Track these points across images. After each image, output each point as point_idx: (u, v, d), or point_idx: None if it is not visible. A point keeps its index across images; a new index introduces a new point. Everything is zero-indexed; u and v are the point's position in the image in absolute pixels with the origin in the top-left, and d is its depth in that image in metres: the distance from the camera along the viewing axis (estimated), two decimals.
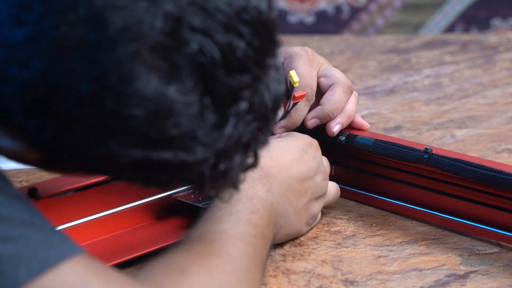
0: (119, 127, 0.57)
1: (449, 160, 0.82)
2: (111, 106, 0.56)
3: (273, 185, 0.77)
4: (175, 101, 0.56)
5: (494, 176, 0.80)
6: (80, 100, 0.56)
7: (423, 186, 0.87)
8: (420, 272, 0.77)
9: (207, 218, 0.72)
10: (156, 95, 0.56)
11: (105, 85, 0.55)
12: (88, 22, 0.55)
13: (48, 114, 0.57)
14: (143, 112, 0.56)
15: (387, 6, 2.09)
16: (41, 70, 0.55)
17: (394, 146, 0.86)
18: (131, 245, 0.80)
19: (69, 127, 0.57)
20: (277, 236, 0.77)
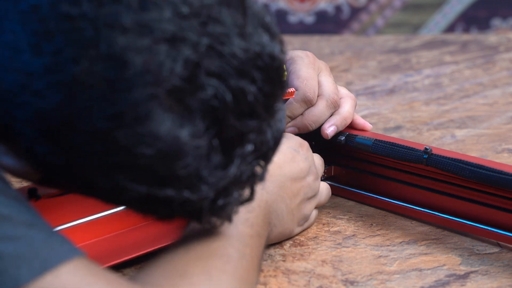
0: (129, 164, 0.57)
1: (449, 160, 0.82)
2: (124, 143, 0.56)
3: (267, 183, 0.77)
4: (186, 143, 0.57)
5: (494, 176, 0.80)
6: (94, 134, 0.56)
7: (423, 186, 0.87)
8: (420, 272, 0.77)
9: None
10: (169, 136, 0.57)
11: (120, 123, 0.56)
12: (108, 60, 0.55)
13: (59, 143, 0.57)
14: (154, 152, 0.57)
15: (387, 6, 2.09)
16: (57, 101, 0.56)
17: (393, 146, 0.86)
18: (131, 245, 0.79)
19: (79, 158, 0.57)
20: (270, 236, 0.77)
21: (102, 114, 0.55)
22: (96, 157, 0.57)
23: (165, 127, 0.56)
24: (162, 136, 0.56)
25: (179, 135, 0.57)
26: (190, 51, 0.56)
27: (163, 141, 0.56)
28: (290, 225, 0.80)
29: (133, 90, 0.55)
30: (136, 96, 0.55)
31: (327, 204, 0.90)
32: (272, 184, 0.78)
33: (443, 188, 0.85)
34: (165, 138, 0.56)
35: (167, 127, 0.56)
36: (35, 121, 0.56)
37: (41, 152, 0.58)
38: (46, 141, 0.57)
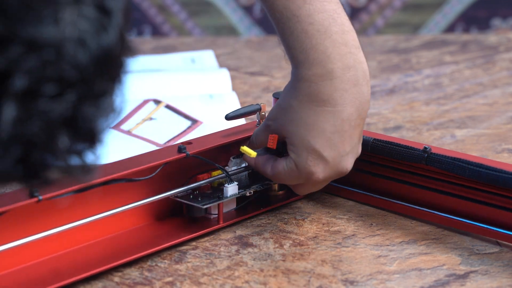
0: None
1: (448, 159, 0.82)
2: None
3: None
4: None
5: (493, 175, 0.80)
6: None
7: (422, 186, 0.87)
8: (420, 272, 0.77)
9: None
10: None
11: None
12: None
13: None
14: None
15: (387, 6, 2.09)
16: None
17: (392, 145, 0.86)
18: (131, 246, 0.80)
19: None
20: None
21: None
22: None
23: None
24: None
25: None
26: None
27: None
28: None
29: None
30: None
31: (327, 204, 0.90)
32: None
33: (442, 187, 0.85)
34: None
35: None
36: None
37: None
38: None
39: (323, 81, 0.77)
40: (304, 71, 0.78)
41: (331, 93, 0.78)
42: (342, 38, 0.78)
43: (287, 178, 0.82)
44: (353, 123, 0.79)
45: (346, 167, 0.81)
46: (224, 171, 0.85)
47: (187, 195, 0.84)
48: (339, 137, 0.79)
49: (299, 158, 0.79)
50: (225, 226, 0.85)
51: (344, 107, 0.78)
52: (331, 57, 0.77)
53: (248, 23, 2.07)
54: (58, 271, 0.75)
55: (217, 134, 0.89)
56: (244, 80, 1.36)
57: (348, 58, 0.78)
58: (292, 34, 0.78)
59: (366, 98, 0.79)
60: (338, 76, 0.77)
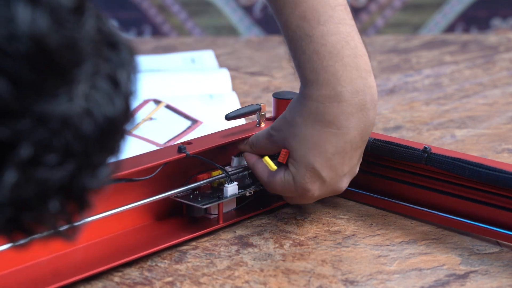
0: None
1: (448, 159, 0.82)
2: None
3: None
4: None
5: (493, 175, 0.80)
6: None
7: (423, 186, 0.87)
8: (420, 272, 0.77)
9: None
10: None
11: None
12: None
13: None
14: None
15: (387, 6, 2.09)
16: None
17: (392, 145, 0.86)
18: (130, 246, 0.79)
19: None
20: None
21: None
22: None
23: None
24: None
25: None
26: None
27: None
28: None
29: None
30: None
31: (327, 204, 0.90)
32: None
33: (442, 187, 0.85)
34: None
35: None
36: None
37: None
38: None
39: (330, 103, 0.78)
40: (312, 90, 0.79)
41: (337, 116, 0.78)
42: (354, 62, 0.78)
43: (282, 189, 0.83)
44: (355, 146, 0.80)
45: (341, 187, 0.82)
46: (224, 171, 0.85)
47: (187, 195, 0.84)
48: (339, 158, 0.79)
49: (298, 173, 0.80)
50: (225, 226, 0.85)
51: (348, 130, 0.79)
52: (341, 80, 0.78)
53: (248, 23, 2.07)
54: (58, 271, 0.75)
55: (217, 134, 0.89)
56: (244, 80, 1.36)
57: (358, 83, 0.78)
58: (304, 53, 0.78)
59: (371, 122, 0.80)
60: (346, 100, 0.78)
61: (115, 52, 0.51)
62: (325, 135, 0.79)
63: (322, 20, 0.77)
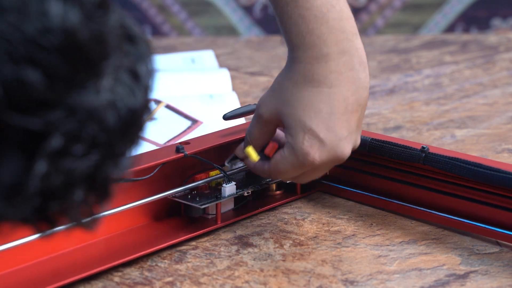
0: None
1: (446, 159, 0.82)
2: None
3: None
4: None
5: (491, 175, 0.80)
6: None
7: (422, 186, 0.87)
8: (420, 272, 0.77)
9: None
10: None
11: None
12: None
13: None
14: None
15: (387, 6, 2.09)
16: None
17: (390, 145, 0.86)
18: (129, 246, 0.79)
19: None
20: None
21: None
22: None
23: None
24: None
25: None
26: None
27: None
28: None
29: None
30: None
31: (327, 204, 0.90)
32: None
33: (441, 187, 0.85)
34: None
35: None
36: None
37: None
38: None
39: (318, 63, 0.78)
40: (299, 53, 0.78)
41: (326, 75, 0.78)
42: (339, 24, 0.78)
43: (285, 166, 0.80)
44: (350, 108, 0.78)
45: (343, 152, 0.79)
46: (222, 171, 0.85)
47: (185, 195, 0.84)
48: (336, 119, 0.78)
49: (295, 139, 0.78)
50: (223, 226, 0.85)
51: (339, 88, 0.78)
52: (327, 42, 0.78)
53: (248, 23, 2.07)
54: (58, 271, 0.75)
55: (215, 134, 0.89)
56: (244, 80, 1.36)
57: (344, 44, 0.78)
58: (290, 18, 0.78)
59: (363, 84, 0.79)
60: (333, 59, 0.78)
61: (134, 45, 0.52)
62: (317, 94, 0.78)
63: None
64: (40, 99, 0.47)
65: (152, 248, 0.79)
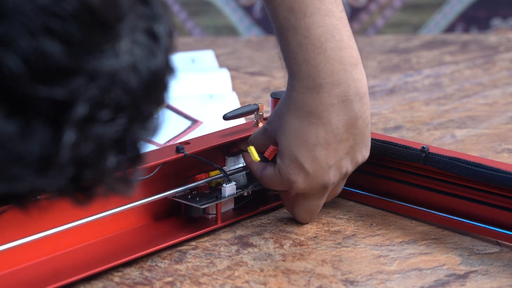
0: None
1: (446, 159, 0.82)
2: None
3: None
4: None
5: (491, 175, 0.80)
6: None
7: (423, 186, 0.87)
8: (420, 272, 0.77)
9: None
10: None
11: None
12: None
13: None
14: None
15: (387, 6, 2.09)
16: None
17: (390, 145, 0.86)
18: (129, 247, 0.79)
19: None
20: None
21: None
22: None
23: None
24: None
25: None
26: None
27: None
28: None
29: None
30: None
31: (327, 204, 0.90)
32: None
33: (444, 188, 0.85)
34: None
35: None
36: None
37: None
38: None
39: (310, 93, 0.78)
40: (295, 82, 0.79)
41: (316, 106, 0.78)
42: (338, 54, 0.78)
43: (271, 182, 0.83)
44: (339, 138, 0.79)
45: (327, 181, 0.80)
46: (222, 171, 0.85)
47: (185, 195, 0.84)
48: (322, 149, 0.79)
49: (283, 165, 0.80)
50: (223, 226, 0.85)
51: (329, 120, 0.79)
52: (322, 72, 0.78)
53: (248, 23, 2.07)
54: (57, 271, 0.75)
55: (215, 134, 0.89)
56: (244, 80, 1.36)
57: (340, 75, 0.78)
58: (288, 45, 0.79)
59: (357, 114, 0.79)
60: (326, 91, 0.78)
61: (148, 7, 0.52)
62: (306, 125, 0.79)
63: (308, 12, 0.77)
64: (60, 67, 0.47)
65: (152, 248, 0.79)
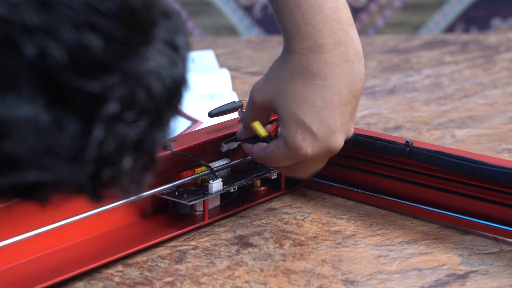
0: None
1: (430, 153, 0.83)
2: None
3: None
4: (8, 119, 0.48)
5: (475, 168, 0.80)
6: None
7: (406, 180, 0.87)
8: (420, 272, 0.77)
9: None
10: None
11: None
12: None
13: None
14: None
15: (387, 6, 2.09)
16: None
17: (374, 140, 0.86)
18: (117, 244, 0.80)
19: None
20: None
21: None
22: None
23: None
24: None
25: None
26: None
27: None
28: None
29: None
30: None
31: (327, 204, 0.90)
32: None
33: (426, 181, 0.86)
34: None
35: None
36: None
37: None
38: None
39: (313, 55, 0.78)
40: (294, 43, 0.78)
41: (321, 67, 0.78)
42: (335, 14, 0.78)
43: (277, 157, 0.80)
44: (344, 100, 0.78)
45: (336, 144, 0.79)
46: (209, 167, 0.86)
47: (172, 192, 0.85)
48: (329, 112, 0.78)
49: (288, 132, 0.78)
50: (210, 222, 0.86)
51: (334, 81, 0.78)
52: (322, 32, 0.78)
53: (248, 23, 2.07)
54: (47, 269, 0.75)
55: (201, 131, 0.90)
56: (244, 80, 1.36)
57: (339, 34, 0.78)
58: (285, 7, 0.78)
59: (358, 76, 0.79)
60: (328, 51, 0.78)
61: (169, 20, 0.54)
62: (311, 87, 0.78)
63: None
64: (99, 63, 0.49)
65: (141, 245, 0.79)
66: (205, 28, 2.07)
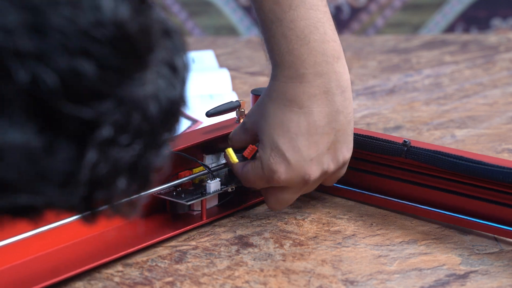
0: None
1: (428, 152, 0.83)
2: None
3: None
4: (0, 140, 0.47)
5: (473, 167, 0.80)
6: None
7: (404, 179, 0.87)
8: (420, 272, 0.77)
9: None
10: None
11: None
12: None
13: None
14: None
15: (387, 6, 2.09)
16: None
17: (372, 139, 0.87)
18: (115, 244, 0.80)
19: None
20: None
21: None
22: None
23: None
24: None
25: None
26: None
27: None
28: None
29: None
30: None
31: (327, 204, 0.90)
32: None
33: (423, 181, 0.86)
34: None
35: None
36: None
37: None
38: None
39: (292, 83, 0.79)
40: (278, 71, 0.80)
41: (298, 95, 0.79)
42: (321, 47, 0.79)
43: (252, 177, 0.82)
44: (320, 130, 0.79)
45: (309, 173, 0.80)
46: (207, 167, 0.86)
47: (170, 192, 0.85)
48: (304, 140, 0.79)
49: (264, 154, 0.80)
50: (210, 222, 0.86)
51: (311, 110, 0.79)
52: (305, 63, 0.79)
53: (248, 23, 2.07)
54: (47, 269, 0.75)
55: (198, 131, 0.90)
56: (244, 80, 1.36)
57: (322, 66, 0.79)
58: (273, 36, 0.80)
59: (338, 108, 0.80)
60: (309, 81, 0.79)
61: (170, 39, 0.54)
62: (288, 113, 0.79)
63: (293, 5, 0.79)
64: (93, 89, 0.49)
65: (139, 245, 0.79)
66: (205, 28, 2.07)
